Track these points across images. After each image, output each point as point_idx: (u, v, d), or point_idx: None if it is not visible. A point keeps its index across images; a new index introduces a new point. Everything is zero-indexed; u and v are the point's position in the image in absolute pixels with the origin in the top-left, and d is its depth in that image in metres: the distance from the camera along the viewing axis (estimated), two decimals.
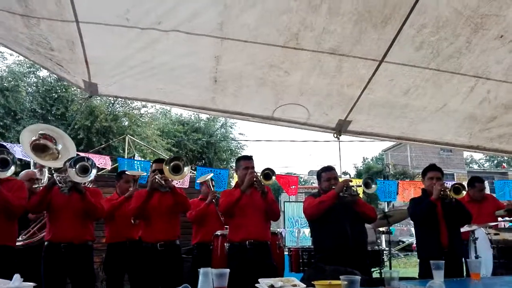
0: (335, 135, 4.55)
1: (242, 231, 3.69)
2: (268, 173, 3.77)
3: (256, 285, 2.38)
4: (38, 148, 3.69)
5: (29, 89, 15.72)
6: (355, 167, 34.13)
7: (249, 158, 3.93)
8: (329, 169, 4.00)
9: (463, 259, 3.92)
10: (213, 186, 5.22)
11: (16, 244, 4.06)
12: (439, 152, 32.16)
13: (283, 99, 4.07)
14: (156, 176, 3.75)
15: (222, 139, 23.27)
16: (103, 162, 7.59)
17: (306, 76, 3.66)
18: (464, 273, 3.72)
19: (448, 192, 3.78)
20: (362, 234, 3.80)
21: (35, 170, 3.76)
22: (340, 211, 3.66)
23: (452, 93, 3.74)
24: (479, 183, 5.20)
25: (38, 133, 3.75)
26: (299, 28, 2.99)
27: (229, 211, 3.76)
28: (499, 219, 4.99)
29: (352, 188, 3.74)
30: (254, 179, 3.66)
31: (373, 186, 3.83)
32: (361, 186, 3.83)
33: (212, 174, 5.55)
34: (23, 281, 1.84)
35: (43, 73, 15.86)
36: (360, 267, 2.92)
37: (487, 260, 4.01)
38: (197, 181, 6.51)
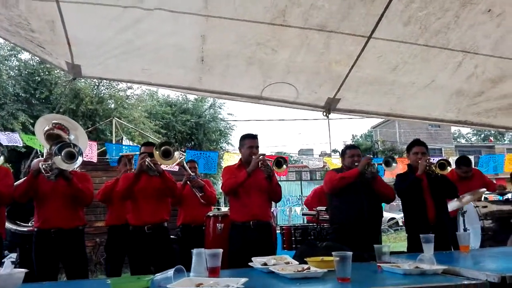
0: (324, 113, 4.54)
1: (246, 211, 3.69)
2: (280, 161, 3.82)
3: (250, 263, 2.39)
4: (52, 138, 3.73)
5: (11, 72, 15.28)
6: (345, 145, 34.34)
7: (254, 137, 3.89)
8: (353, 147, 4.23)
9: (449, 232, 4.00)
10: (195, 167, 5.15)
11: (26, 230, 4.12)
12: (427, 127, 32.41)
13: (271, 78, 4.03)
14: (146, 159, 3.70)
15: (211, 119, 23.12)
16: (90, 152, 7.38)
17: (294, 54, 3.62)
18: (452, 247, 3.79)
19: (434, 168, 3.82)
20: (378, 211, 3.96)
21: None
22: (359, 186, 3.79)
23: (440, 69, 3.74)
24: (465, 166, 5.10)
25: (52, 123, 3.78)
26: (286, 4, 2.93)
27: (233, 191, 3.77)
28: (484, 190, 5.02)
29: (373, 165, 3.84)
30: (261, 162, 3.66)
31: (394, 164, 4.05)
32: (381, 164, 3.98)
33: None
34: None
35: (25, 56, 15.41)
36: (373, 242, 2.96)
37: (476, 232, 4.09)
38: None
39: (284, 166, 3.87)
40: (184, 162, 4.89)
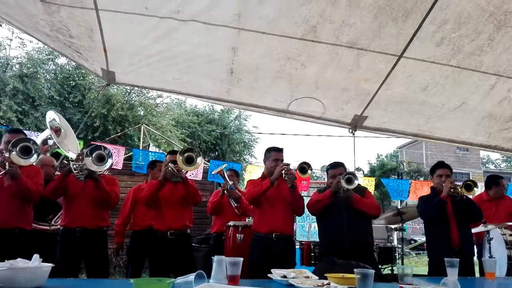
0: (350, 130, 4.51)
1: (268, 223, 3.67)
2: (304, 167, 3.70)
3: (269, 275, 2.39)
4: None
5: (47, 76, 15.91)
6: (369, 164, 33.84)
7: (279, 150, 3.87)
8: (336, 166, 3.90)
9: (474, 258, 3.88)
10: (232, 176, 5.19)
11: (52, 227, 4.19)
12: (455, 150, 31.68)
13: (298, 93, 4.05)
14: (170, 164, 3.77)
15: (236, 131, 23.29)
16: (116, 157, 7.47)
17: (323, 70, 3.63)
18: (476, 273, 3.67)
19: (459, 189, 3.71)
20: (361, 232, 3.67)
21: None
22: (339, 208, 3.64)
23: (471, 91, 3.68)
24: (501, 179, 5.00)
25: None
26: (318, 20, 2.96)
27: (255, 200, 3.75)
28: None
29: (338, 184, 3.60)
30: (284, 171, 3.64)
31: (309, 171, 3.75)
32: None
33: (226, 165, 5.51)
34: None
35: (61, 60, 16.07)
36: (364, 262, 2.87)
37: (502, 260, 3.95)
38: (212, 173, 6.54)
39: (309, 172, 3.73)
40: (225, 171, 4.94)
